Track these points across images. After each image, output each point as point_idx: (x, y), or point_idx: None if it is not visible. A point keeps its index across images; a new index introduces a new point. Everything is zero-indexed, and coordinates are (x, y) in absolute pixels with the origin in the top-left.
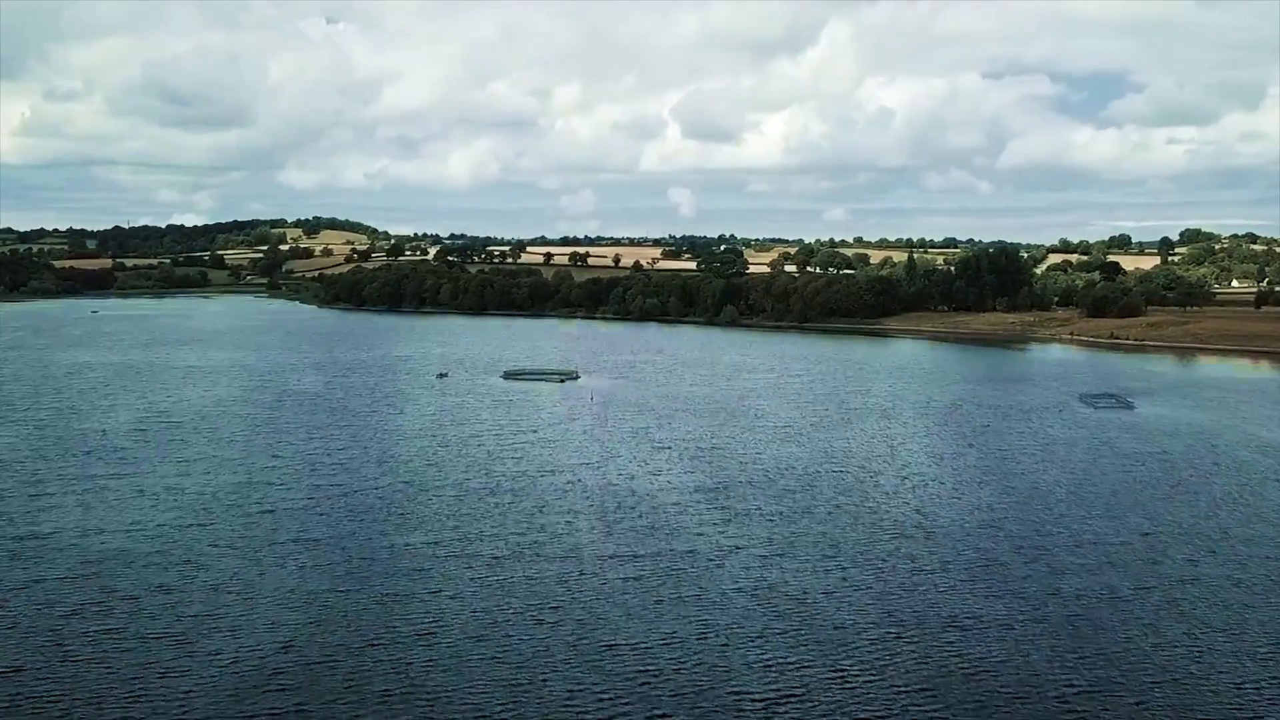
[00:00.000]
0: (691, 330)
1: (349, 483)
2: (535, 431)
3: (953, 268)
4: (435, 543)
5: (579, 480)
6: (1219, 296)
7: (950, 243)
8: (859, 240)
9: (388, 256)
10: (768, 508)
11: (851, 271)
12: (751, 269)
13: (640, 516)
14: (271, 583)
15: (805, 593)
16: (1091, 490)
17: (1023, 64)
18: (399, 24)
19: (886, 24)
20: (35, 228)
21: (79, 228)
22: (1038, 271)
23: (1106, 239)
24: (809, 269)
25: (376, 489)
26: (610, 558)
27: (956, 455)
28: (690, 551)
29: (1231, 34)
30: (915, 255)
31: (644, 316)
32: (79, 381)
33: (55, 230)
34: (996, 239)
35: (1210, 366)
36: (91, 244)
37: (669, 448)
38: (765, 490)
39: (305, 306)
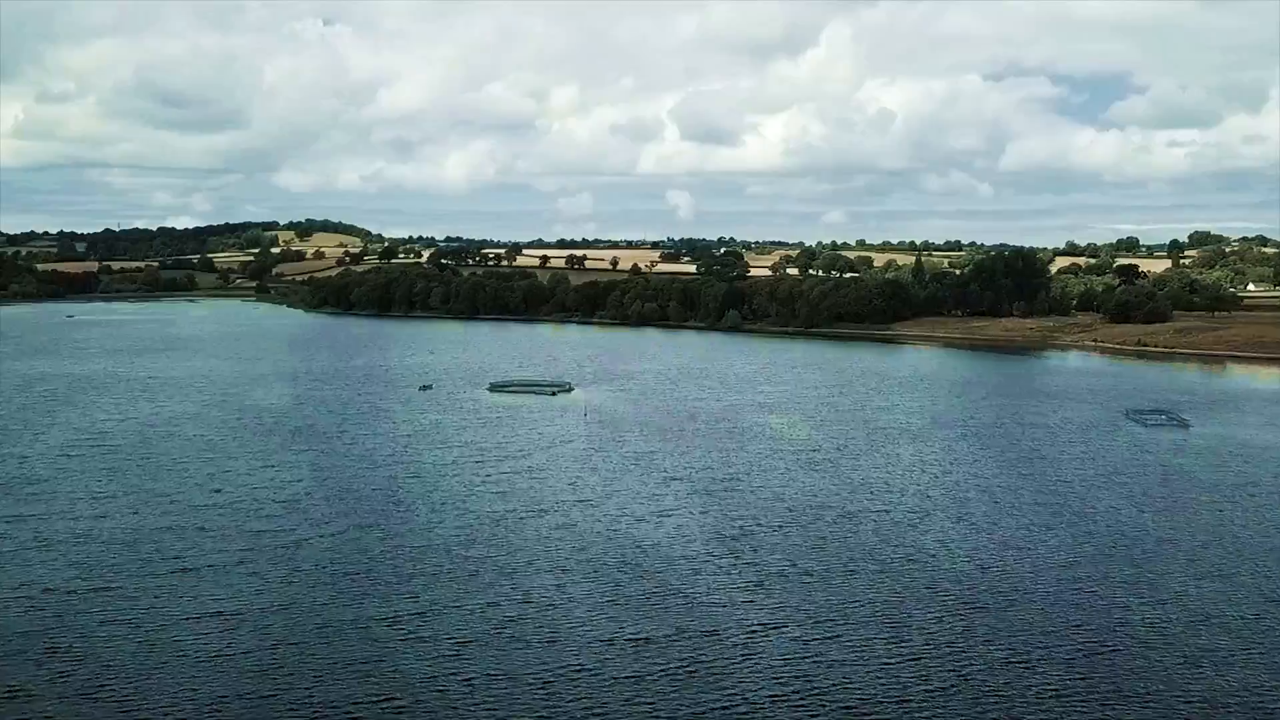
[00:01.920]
0: (693, 336)
1: (296, 528)
2: (522, 458)
3: (963, 271)
4: (388, 619)
5: (571, 524)
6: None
7: (953, 245)
8: (861, 243)
9: (380, 259)
10: (803, 563)
11: (856, 275)
12: (752, 272)
13: (646, 578)
14: (166, 687)
15: (866, 701)
16: (1184, 537)
17: (1023, 66)
18: (395, 26)
19: (886, 25)
20: (25, 230)
21: (70, 231)
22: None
23: (1113, 242)
24: (810, 272)
25: (327, 537)
26: (607, 643)
27: (1012, 489)
28: (711, 633)
29: (1233, 36)
30: (922, 258)
31: (642, 321)
32: (24, 396)
33: (45, 233)
34: (998, 242)
35: (1252, 377)
36: (81, 247)
37: (677, 478)
38: (796, 539)
39: (292, 310)
